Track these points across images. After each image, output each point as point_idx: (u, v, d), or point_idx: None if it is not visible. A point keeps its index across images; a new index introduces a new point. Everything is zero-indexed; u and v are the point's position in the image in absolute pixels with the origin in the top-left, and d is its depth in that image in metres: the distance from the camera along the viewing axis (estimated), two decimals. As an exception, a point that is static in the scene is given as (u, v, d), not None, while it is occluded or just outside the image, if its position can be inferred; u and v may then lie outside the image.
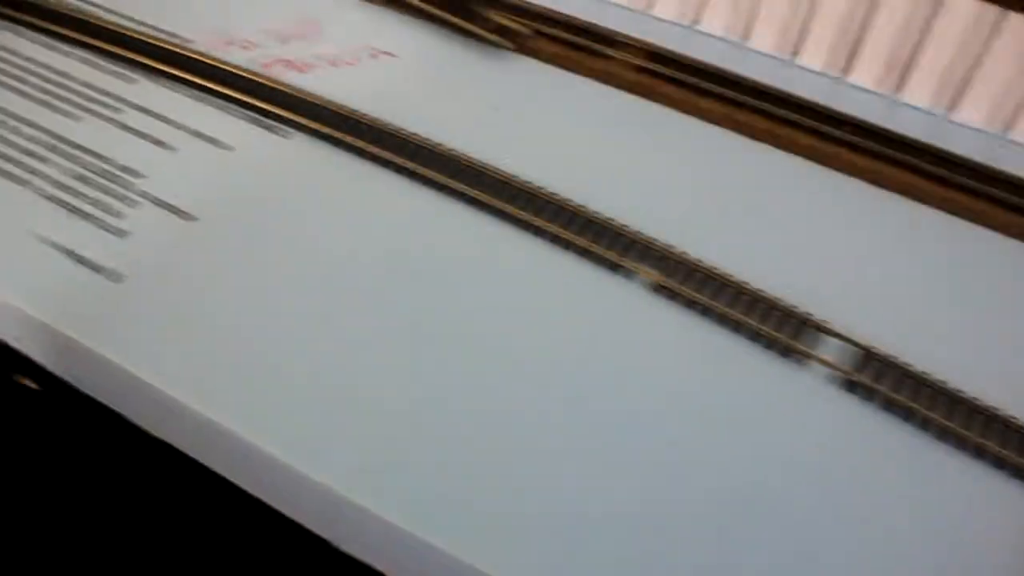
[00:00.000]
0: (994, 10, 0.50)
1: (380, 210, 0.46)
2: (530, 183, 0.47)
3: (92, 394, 0.43)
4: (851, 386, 0.40)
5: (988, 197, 0.48)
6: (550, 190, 0.47)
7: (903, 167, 0.50)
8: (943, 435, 0.38)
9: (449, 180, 0.47)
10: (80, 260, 0.43)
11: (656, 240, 0.45)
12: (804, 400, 0.40)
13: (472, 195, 0.46)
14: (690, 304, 0.42)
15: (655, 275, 0.43)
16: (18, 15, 0.57)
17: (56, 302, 0.42)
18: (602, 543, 0.35)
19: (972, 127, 0.53)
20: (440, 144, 0.49)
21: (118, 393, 0.42)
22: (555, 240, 0.45)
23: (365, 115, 0.50)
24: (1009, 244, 0.47)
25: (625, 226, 0.45)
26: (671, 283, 0.43)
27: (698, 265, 0.44)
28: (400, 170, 0.48)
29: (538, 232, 0.45)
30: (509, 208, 0.46)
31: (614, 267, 0.44)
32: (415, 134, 0.49)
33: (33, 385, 0.50)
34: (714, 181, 0.49)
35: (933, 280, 0.45)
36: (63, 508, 0.52)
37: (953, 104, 0.53)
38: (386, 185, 0.48)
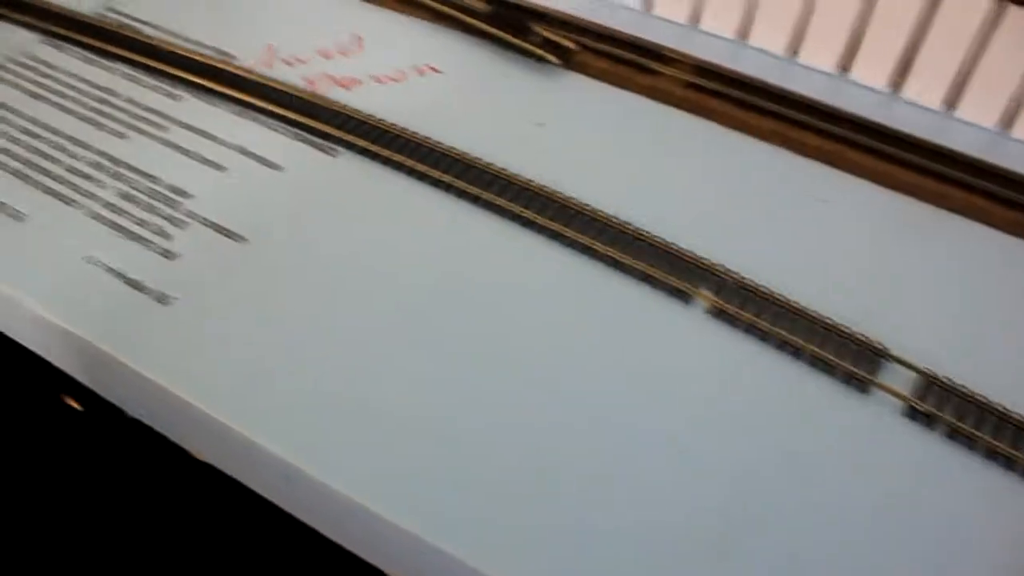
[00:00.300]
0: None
1: (428, 229, 0.46)
2: (585, 203, 0.46)
3: (137, 416, 0.43)
4: (913, 413, 0.39)
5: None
6: (604, 211, 0.46)
7: (962, 186, 0.48)
8: (1010, 465, 0.37)
9: (501, 200, 0.46)
10: (129, 282, 0.43)
11: (715, 263, 0.44)
12: (865, 427, 0.39)
13: (525, 215, 0.46)
14: (749, 329, 0.42)
15: (713, 299, 0.42)
16: (61, 31, 0.57)
17: (104, 323, 0.41)
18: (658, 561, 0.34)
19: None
20: (489, 163, 0.48)
21: (163, 414, 0.42)
22: (615, 264, 0.44)
23: (413, 133, 0.50)
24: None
25: (683, 249, 0.44)
26: (730, 307, 0.42)
27: (756, 289, 0.43)
28: (448, 188, 0.47)
29: (594, 255, 0.44)
30: (566, 230, 0.45)
31: (672, 291, 0.43)
32: (463, 152, 0.49)
33: (77, 406, 0.49)
34: (767, 200, 0.48)
35: (995, 303, 0.44)
36: (104, 526, 0.52)
37: (1011, 122, 0.52)
38: (434, 203, 0.47)
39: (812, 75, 0.56)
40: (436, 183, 0.47)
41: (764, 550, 0.35)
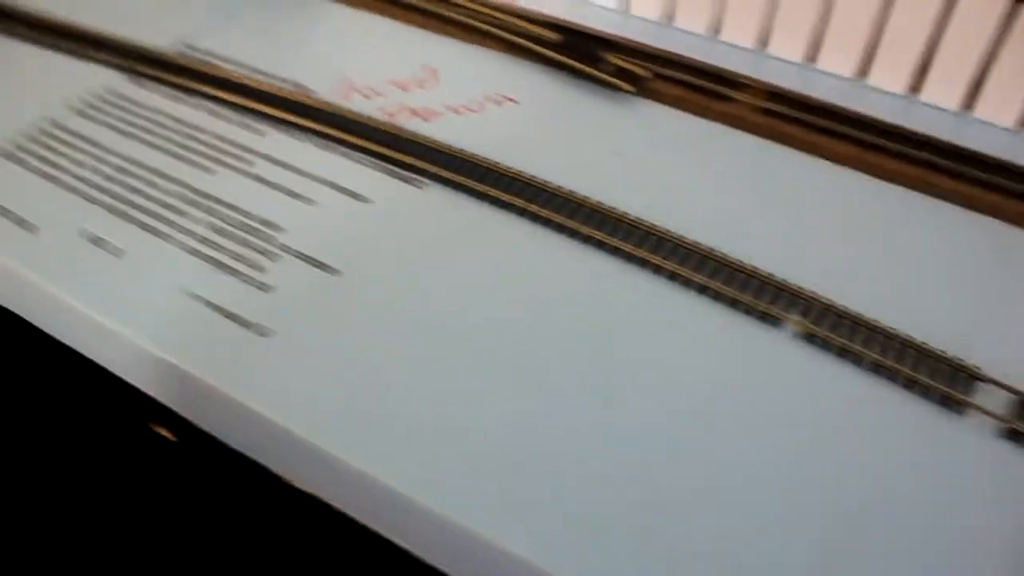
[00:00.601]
0: None
1: (518, 259, 0.47)
2: (669, 230, 0.47)
3: (237, 447, 0.44)
4: (1010, 434, 0.39)
5: None
6: (687, 236, 0.47)
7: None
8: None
9: (586, 228, 0.47)
10: (228, 315, 0.44)
11: (802, 287, 0.44)
12: (961, 449, 0.39)
13: (612, 243, 0.47)
14: (841, 353, 0.42)
15: (804, 324, 0.43)
16: (145, 69, 0.58)
17: (207, 356, 0.42)
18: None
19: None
20: (572, 191, 0.49)
21: (267, 446, 0.42)
22: (702, 290, 0.45)
23: (497, 163, 0.51)
24: None
25: (770, 274, 0.45)
26: (821, 331, 0.42)
27: (846, 312, 0.43)
28: (535, 218, 0.48)
29: (682, 281, 0.45)
30: (653, 257, 0.46)
31: (762, 316, 0.43)
32: (547, 182, 0.50)
33: (170, 436, 0.50)
34: (850, 224, 0.49)
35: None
36: (200, 558, 0.52)
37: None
38: (522, 233, 0.48)
39: (883, 97, 0.56)
40: (523, 213, 0.48)
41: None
